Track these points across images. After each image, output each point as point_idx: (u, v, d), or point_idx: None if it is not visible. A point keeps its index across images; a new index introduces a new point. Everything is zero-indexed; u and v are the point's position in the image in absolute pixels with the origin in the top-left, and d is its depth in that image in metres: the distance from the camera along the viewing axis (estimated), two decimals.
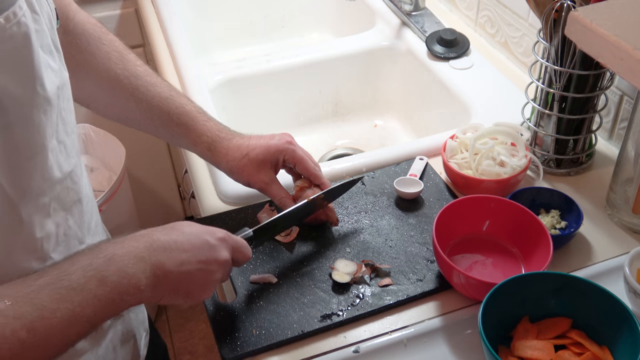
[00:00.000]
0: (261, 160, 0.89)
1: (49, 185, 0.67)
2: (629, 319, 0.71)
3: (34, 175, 0.65)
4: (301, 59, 1.35)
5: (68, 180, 0.71)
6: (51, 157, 0.67)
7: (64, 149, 0.70)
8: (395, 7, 1.41)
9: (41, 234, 0.67)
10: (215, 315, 0.82)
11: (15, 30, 0.59)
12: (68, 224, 0.72)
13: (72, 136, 0.73)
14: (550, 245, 0.81)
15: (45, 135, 0.65)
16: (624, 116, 1.03)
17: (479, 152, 0.98)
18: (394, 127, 1.42)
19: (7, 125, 0.60)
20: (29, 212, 0.65)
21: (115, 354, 0.85)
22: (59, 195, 0.69)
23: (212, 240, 0.70)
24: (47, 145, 0.66)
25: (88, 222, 0.77)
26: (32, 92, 0.62)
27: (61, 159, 0.69)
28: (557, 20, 0.91)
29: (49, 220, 0.68)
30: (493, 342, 0.71)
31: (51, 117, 0.66)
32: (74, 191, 0.72)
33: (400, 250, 0.90)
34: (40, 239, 0.68)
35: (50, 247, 0.69)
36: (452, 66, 1.25)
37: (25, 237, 0.66)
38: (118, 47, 0.89)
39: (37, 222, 0.66)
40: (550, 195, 0.94)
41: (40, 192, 0.66)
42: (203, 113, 0.92)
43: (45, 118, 0.65)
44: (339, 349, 0.79)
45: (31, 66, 0.62)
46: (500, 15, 1.27)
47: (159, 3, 1.50)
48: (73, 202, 0.73)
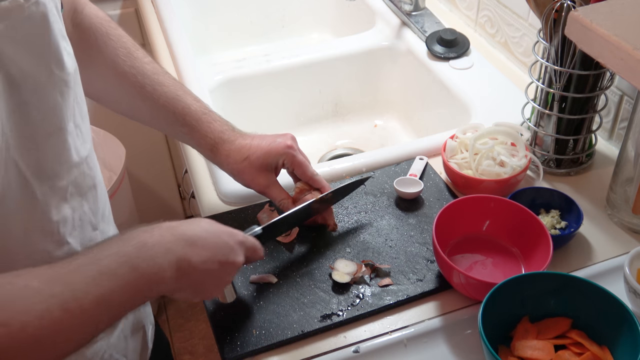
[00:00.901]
0: (261, 163, 0.89)
1: (66, 168, 0.68)
2: (629, 319, 0.71)
3: (50, 157, 0.65)
4: (301, 59, 1.35)
5: (84, 165, 0.72)
6: (69, 140, 0.68)
7: (80, 133, 0.71)
8: (395, 7, 1.41)
9: (57, 217, 0.68)
10: (215, 315, 0.82)
11: (33, 10, 0.60)
12: (83, 209, 0.73)
13: (86, 122, 0.74)
14: (550, 245, 0.81)
15: (63, 117, 0.66)
16: (624, 116, 1.03)
17: (479, 152, 0.98)
18: (394, 127, 1.42)
19: (22, 103, 0.61)
20: (45, 194, 0.66)
21: (126, 344, 0.86)
22: (76, 180, 0.70)
23: (231, 243, 0.72)
24: (64, 127, 0.67)
25: (102, 209, 0.79)
26: (49, 73, 0.63)
27: (78, 143, 0.70)
28: (557, 20, 0.91)
29: (65, 204, 0.69)
30: (493, 342, 0.71)
31: (68, 100, 0.67)
32: (90, 177, 0.74)
33: (400, 250, 0.90)
34: (57, 223, 0.68)
35: (67, 231, 0.70)
36: (452, 66, 1.25)
37: (41, 219, 0.67)
38: (126, 43, 0.89)
39: (53, 204, 0.67)
40: (550, 195, 0.94)
41: (57, 174, 0.67)
42: (209, 113, 0.91)
43: (62, 100, 0.66)
44: (339, 349, 0.79)
45: (49, 47, 0.63)
46: (500, 15, 1.27)
47: (159, 3, 1.50)
48: (89, 188, 0.74)
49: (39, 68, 0.62)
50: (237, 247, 0.73)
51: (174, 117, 0.89)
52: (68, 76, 0.67)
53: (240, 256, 0.73)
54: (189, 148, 1.12)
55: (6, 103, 0.59)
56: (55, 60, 0.64)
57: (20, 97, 0.60)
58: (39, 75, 0.62)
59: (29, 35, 0.60)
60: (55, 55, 0.64)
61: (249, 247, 0.76)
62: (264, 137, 0.91)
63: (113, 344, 0.82)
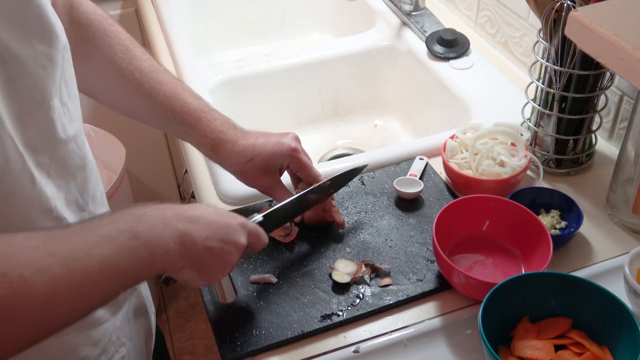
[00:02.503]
0: (265, 165, 0.88)
1: (49, 144, 0.68)
2: (629, 319, 0.71)
3: (34, 131, 0.65)
4: (301, 59, 1.35)
5: (72, 144, 0.72)
6: (54, 117, 0.67)
7: (67, 111, 0.71)
8: (395, 7, 1.41)
9: (51, 192, 0.68)
10: (215, 315, 0.82)
11: None
12: (69, 188, 0.72)
13: (75, 102, 0.73)
14: (550, 245, 0.81)
15: (46, 92, 0.66)
16: (624, 116, 1.03)
17: (479, 152, 0.98)
18: (394, 127, 1.42)
19: (8, 77, 0.61)
20: (36, 168, 0.66)
21: (131, 327, 0.86)
22: (62, 157, 0.70)
23: (233, 223, 0.72)
24: (47, 102, 0.66)
25: (93, 191, 0.78)
26: (31, 47, 0.63)
27: (65, 121, 0.70)
28: (557, 20, 0.91)
29: (49, 181, 0.68)
30: (493, 342, 0.71)
31: (53, 75, 0.67)
32: (78, 156, 0.73)
33: (400, 250, 0.90)
34: (52, 199, 0.68)
35: (63, 208, 0.70)
36: (452, 66, 1.25)
37: (39, 196, 0.66)
38: (124, 40, 0.88)
39: (43, 180, 0.67)
40: (550, 195, 0.94)
41: (40, 149, 0.66)
42: (209, 112, 0.90)
43: (45, 74, 0.65)
44: (339, 349, 0.79)
45: (31, 21, 0.63)
46: (500, 15, 1.27)
47: (159, 3, 1.50)
48: (77, 167, 0.73)
49: (21, 42, 0.62)
50: (240, 228, 0.73)
51: (173, 115, 0.89)
52: (52, 51, 0.66)
53: (243, 237, 0.73)
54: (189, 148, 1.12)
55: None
56: (39, 35, 0.64)
57: (7, 71, 0.60)
58: (21, 49, 0.62)
59: (10, 9, 0.60)
60: (39, 30, 0.64)
61: (252, 231, 0.75)
62: (267, 136, 0.90)
63: (119, 326, 0.83)
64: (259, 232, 0.77)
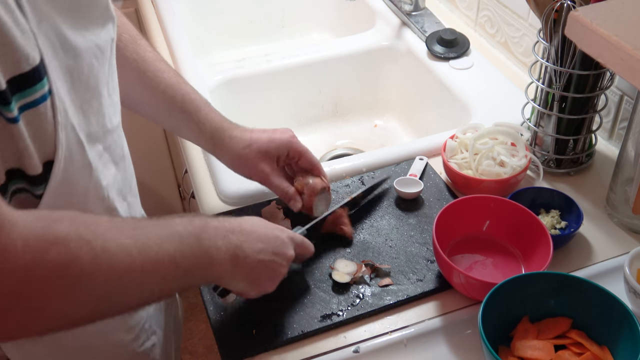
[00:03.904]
0: (264, 151, 0.88)
1: (102, 133, 0.71)
2: (629, 319, 0.71)
3: (92, 120, 0.68)
4: (301, 59, 1.35)
5: (116, 134, 0.75)
6: (105, 105, 0.71)
7: (112, 103, 0.74)
8: (395, 7, 1.41)
9: (105, 182, 0.71)
10: (215, 315, 0.82)
11: None
12: (117, 178, 0.76)
13: (116, 93, 0.76)
14: (550, 245, 0.81)
15: (99, 82, 0.69)
16: (624, 116, 1.03)
17: (479, 152, 0.98)
18: (394, 127, 1.42)
19: (69, 67, 0.63)
20: (94, 158, 0.68)
21: (162, 316, 0.91)
22: (110, 147, 0.73)
23: (282, 236, 0.76)
24: (101, 92, 0.69)
25: (130, 181, 0.82)
26: (84, 38, 0.65)
27: (111, 111, 0.73)
28: (557, 20, 0.91)
29: (106, 170, 0.72)
30: (493, 342, 0.71)
31: (103, 66, 0.70)
32: (120, 146, 0.77)
33: (400, 250, 0.90)
34: (106, 188, 0.71)
35: (114, 197, 0.74)
36: (452, 66, 1.25)
37: (95, 184, 0.69)
38: (130, 31, 0.89)
39: (100, 169, 0.70)
40: (550, 195, 0.94)
41: (97, 138, 0.69)
42: (207, 104, 0.92)
43: (98, 65, 0.68)
44: (339, 349, 0.79)
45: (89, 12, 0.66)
46: (500, 15, 1.27)
47: (159, 3, 1.50)
48: (120, 157, 0.77)
49: (77, 32, 0.64)
50: (288, 241, 0.77)
51: (174, 104, 0.89)
52: (104, 43, 0.69)
53: (291, 250, 0.77)
54: (189, 148, 1.12)
55: (59, 67, 0.61)
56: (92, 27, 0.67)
57: (66, 60, 0.62)
58: (78, 39, 0.64)
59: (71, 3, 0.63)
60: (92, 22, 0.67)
61: (299, 242, 0.79)
62: (264, 129, 0.91)
63: (152, 315, 0.87)
64: (305, 243, 0.81)
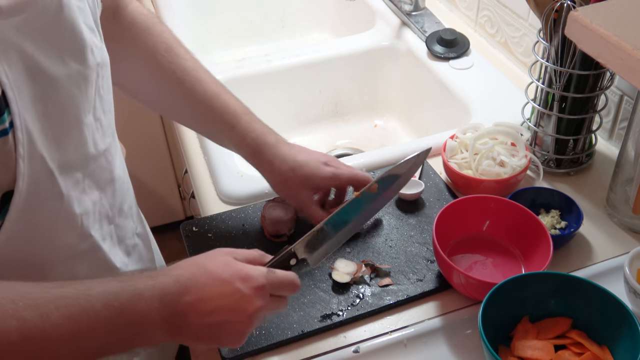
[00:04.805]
0: (309, 180, 0.86)
1: (82, 160, 0.68)
2: (629, 319, 0.71)
3: (69, 149, 0.65)
4: (301, 59, 1.35)
5: (102, 159, 0.72)
6: (87, 133, 0.68)
7: (100, 126, 0.71)
8: (395, 7, 1.41)
9: (80, 210, 0.68)
10: None
11: (47, 2, 0.59)
12: (102, 202, 0.73)
13: (109, 115, 0.74)
14: (550, 245, 0.81)
15: (80, 109, 0.66)
16: (624, 116, 1.03)
17: (479, 152, 0.98)
18: (394, 127, 1.42)
19: (40, 97, 0.61)
20: (67, 187, 0.66)
21: None
22: (93, 173, 0.70)
23: (245, 290, 0.63)
24: (82, 119, 0.66)
25: (120, 204, 0.78)
26: (65, 66, 0.63)
27: (97, 137, 0.70)
28: (557, 20, 0.91)
29: (85, 197, 0.69)
30: (493, 342, 0.71)
31: (87, 93, 0.67)
32: (107, 170, 0.73)
33: (400, 250, 0.90)
34: (80, 215, 0.68)
35: (90, 224, 0.70)
36: (452, 66, 1.25)
37: (66, 212, 0.66)
38: (168, 39, 0.87)
39: (74, 197, 0.67)
40: (550, 195, 0.94)
41: (76, 166, 0.67)
42: (249, 114, 0.89)
43: (79, 93, 0.65)
44: (339, 349, 0.79)
45: (65, 39, 0.62)
46: (500, 15, 1.27)
47: (159, 3, 1.50)
48: (107, 182, 0.74)
49: (54, 61, 0.61)
50: (253, 293, 0.64)
51: (213, 113, 0.87)
52: (88, 69, 0.66)
53: (257, 302, 0.64)
54: (189, 148, 1.12)
55: (29, 97, 0.59)
56: (73, 53, 0.64)
57: (39, 90, 0.60)
58: (55, 68, 0.62)
59: (44, 28, 0.60)
60: (73, 48, 0.64)
61: (275, 284, 0.66)
62: (309, 152, 0.89)
63: None
64: (284, 282, 0.67)
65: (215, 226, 0.94)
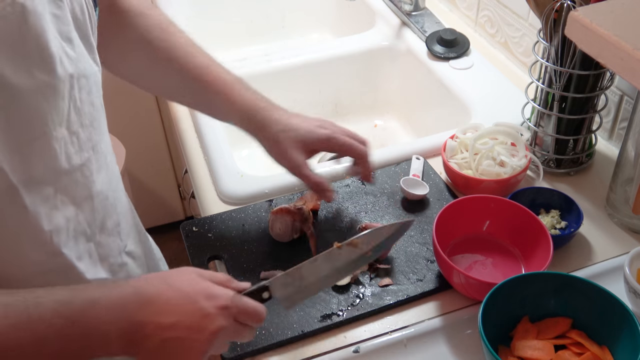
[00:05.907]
0: (300, 140, 0.86)
1: (52, 175, 0.65)
2: (629, 319, 0.71)
3: (35, 162, 0.63)
4: (301, 59, 1.35)
5: (77, 174, 0.68)
6: (56, 146, 0.65)
7: (77, 140, 0.68)
8: (395, 7, 1.41)
9: (49, 226, 0.65)
10: None
11: (9, 11, 0.57)
12: (78, 219, 0.70)
13: (89, 130, 0.70)
14: (550, 245, 0.81)
15: (47, 121, 0.63)
16: (624, 116, 1.03)
17: (479, 152, 0.98)
18: (394, 127, 1.42)
19: (4, 107, 0.58)
20: (34, 202, 0.63)
21: None
22: (66, 188, 0.67)
23: (208, 308, 0.62)
24: (49, 132, 0.63)
25: (101, 221, 0.75)
26: (30, 77, 0.60)
27: (71, 151, 0.67)
28: (557, 20, 0.91)
29: (57, 213, 0.66)
30: (493, 342, 0.71)
31: (57, 105, 0.64)
32: (84, 186, 0.70)
33: (400, 250, 0.90)
34: (49, 232, 0.66)
35: (61, 241, 0.67)
36: (452, 66, 1.25)
37: (33, 228, 0.64)
38: (162, 22, 0.89)
39: (43, 213, 0.64)
40: (550, 195, 0.94)
41: (44, 181, 0.64)
42: (242, 82, 0.90)
43: (47, 104, 0.62)
44: (339, 349, 0.79)
45: (30, 50, 0.59)
46: (500, 15, 1.27)
47: (159, 3, 1.50)
48: (84, 198, 0.70)
49: (18, 71, 0.58)
50: (216, 312, 0.62)
51: (206, 84, 0.88)
52: (56, 80, 0.62)
53: (219, 322, 0.63)
54: (189, 148, 1.12)
55: None
56: (40, 64, 0.60)
57: (0, 100, 0.58)
58: (19, 78, 0.58)
59: (5, 37, 0.57)
60: (39, 58, 0.60)
61: (241, 309, 0.65)
62: (306, 118, 0.89)
63: None
64: (249, 308, 0.65)
65: (215, 226, 0.94)
